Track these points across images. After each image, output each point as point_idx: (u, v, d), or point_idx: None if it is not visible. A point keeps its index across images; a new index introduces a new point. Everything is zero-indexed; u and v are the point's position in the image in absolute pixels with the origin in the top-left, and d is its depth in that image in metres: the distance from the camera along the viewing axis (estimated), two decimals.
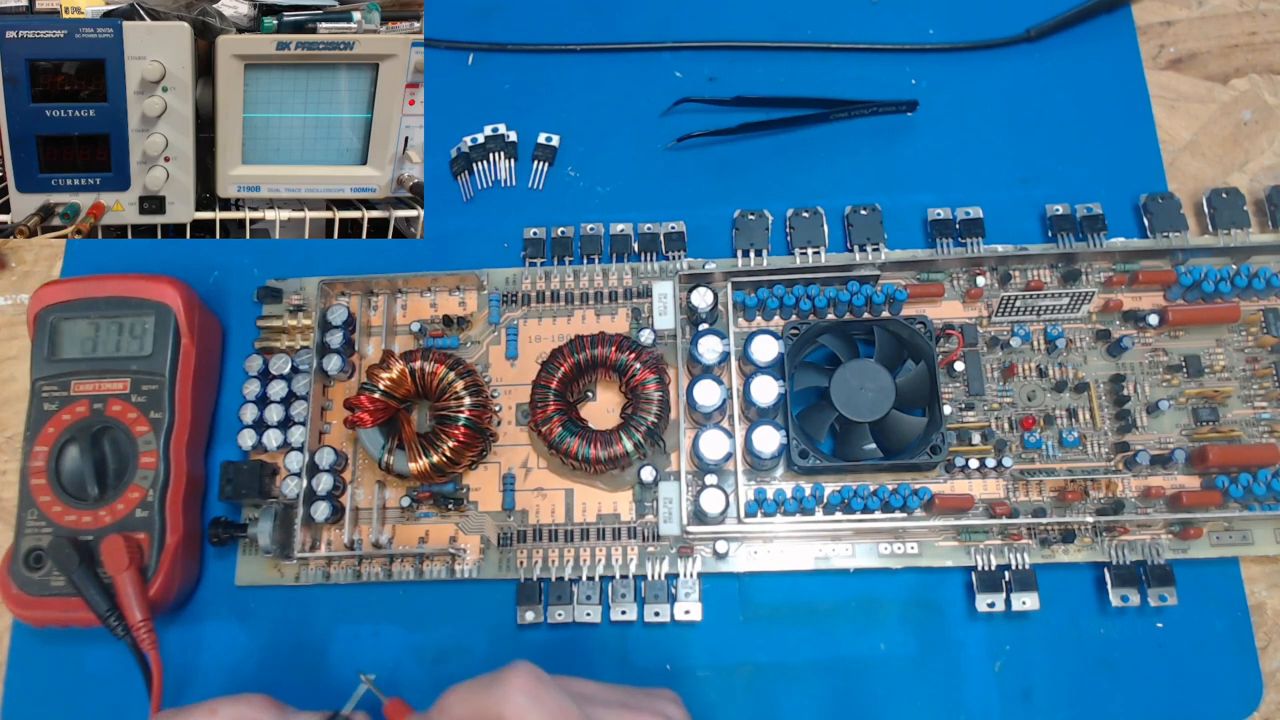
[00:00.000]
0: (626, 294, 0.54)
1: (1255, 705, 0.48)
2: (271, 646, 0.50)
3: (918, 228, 0.56)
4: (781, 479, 0.51)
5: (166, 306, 0.52)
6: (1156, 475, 0.50)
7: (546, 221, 0.56)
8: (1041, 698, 0.48)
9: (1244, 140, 0.58)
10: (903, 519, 0.49)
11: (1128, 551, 0.49)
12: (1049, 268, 0.53)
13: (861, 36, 0.60)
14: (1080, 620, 0.49)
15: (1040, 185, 0.56)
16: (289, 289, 0.55)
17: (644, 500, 0.51)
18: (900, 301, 0.52)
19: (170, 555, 0.49)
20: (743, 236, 0.54)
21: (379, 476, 0.52)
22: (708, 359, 0.50)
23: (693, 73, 0.60)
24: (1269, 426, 0.51)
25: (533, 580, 0.50)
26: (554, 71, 0.61)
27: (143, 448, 0.50)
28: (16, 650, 0.52)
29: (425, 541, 0.51)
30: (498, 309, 0.55)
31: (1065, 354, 0.52)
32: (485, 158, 0.58)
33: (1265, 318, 0.52)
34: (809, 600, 0.50)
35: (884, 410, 0.49)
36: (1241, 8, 0.61)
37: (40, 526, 0.49)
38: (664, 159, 0.58)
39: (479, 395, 0.50)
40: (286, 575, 0.51)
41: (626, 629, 0.50)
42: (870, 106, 0.57)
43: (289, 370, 0.53)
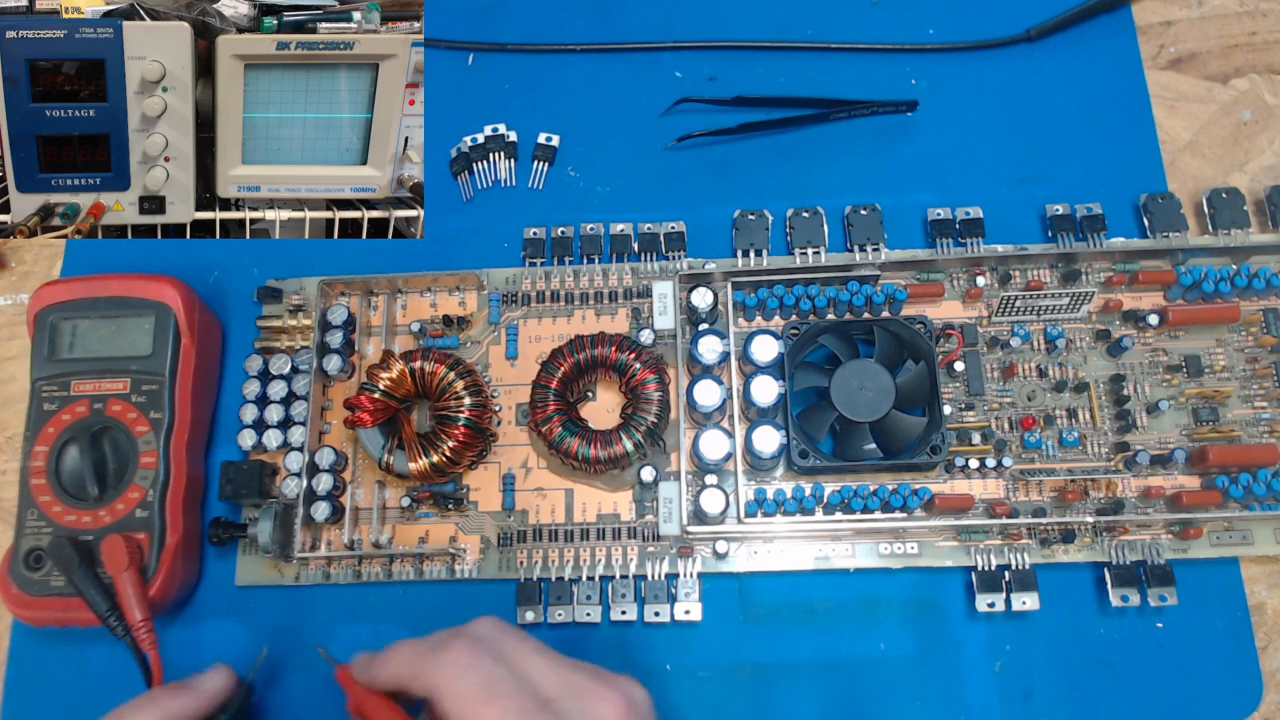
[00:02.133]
0: (626, 294, 0.54)
1: (1255, 705, 0.48)
2: (271, 647, 0.50)
3: (918, 228, 0.56)
4: (781, 479, 0.51)
5: (166, 306, 0.52)
6: (1156, 475, 0.50)
7: (546, 221, 0.56)
8: (1041, 698, 0.48)
9: (1244, 140, 0.58)
10: (903, 519, 0.49)
11: (1128, 551, 0.49)
12: (1049, 268, 0.53)
13: (861, 36, 0.60)
14: (1080, 620, 0.49)
15: (1040, 185, 0.56)
16: (289, 289, 0.55)
17: (644, 500, 0.51)
18: (900, 301, 0.52)
19: (170, 555, 0.49)
20: (743, 236, 0.54)
21: (379, 476, 0.52)
22: (708, 359, 0.50)
23: (693, 73, 0.60)
24: (1269, 426, 0.51)
25: (533, 580, 0.50)
26: (554, 71, 0.61)
27: (143, 448, 0.50)
28: (16, 650, 0.52)
29: (425, 541, 0.51)
30: (498, 309, 0.55)
31: (1065, 354, 0.52)
32: (485, 158, 0.58)
33: (1265, 318, 0.52)
34: (809, 600, 0.50)
35: (884, 410, 0.49)
36: (1241, 8, 0.61)
37: (40, 526, 0.49)
38: (664, 159, 0.58)
39: (479, 395, 0.50)
40: (286, 575, 0.51)
41: (626, 629, 0.50)
42: (870, 106, 0.57)
43: (289, 370, 0.53)
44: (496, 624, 0.39)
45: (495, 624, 0.39)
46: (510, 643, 0.38)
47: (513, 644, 0.38)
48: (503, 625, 0.39)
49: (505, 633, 0.39)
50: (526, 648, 0.38)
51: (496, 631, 0.39)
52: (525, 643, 0.38)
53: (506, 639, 0.38)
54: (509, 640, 0.38)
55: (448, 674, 0.36)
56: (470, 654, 0.36)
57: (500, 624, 0.39)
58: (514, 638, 0.38)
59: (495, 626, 0.39)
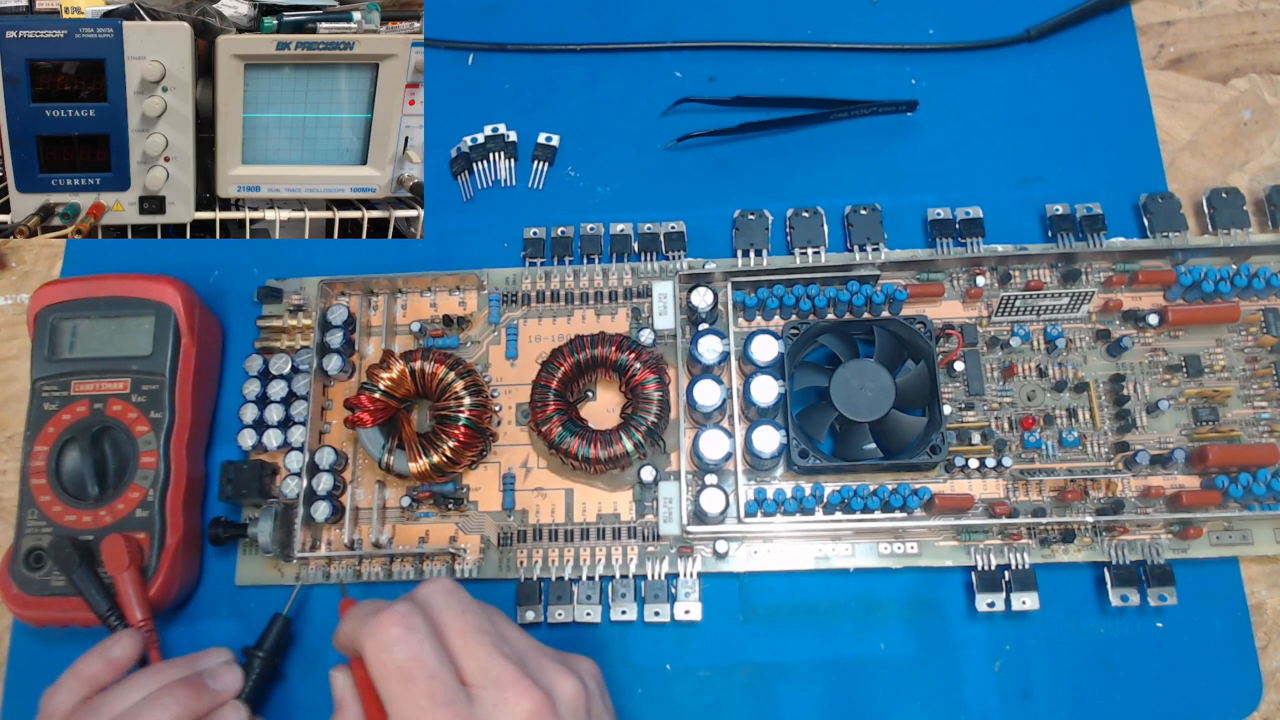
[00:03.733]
0: (626, 294, 0.54)
1: (1255, 705, 0.48)
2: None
3: (918, 228, 0.56)
4: (781, 479, 0.51)
5: (166, 306, 0.52)
6: (1156, 475, 0.50)
7: (546, 221, 0.56)
8: (1041, 698, 0.48)
9: (1244, 140, 0.58)
10: (903, 519, 0.49)
11: (1128, 551, 0.49)
12: (1049, 268, 0.53)
13: (861, 36, 0.60)
14: (1080, 620, 0.49)
15: (1040, 185, 0.56)
16: (289, 289, 0.55)
17: (644, 500, 0.51)
18: (900, 301, 0.52)
19: (170, 555, 0.49)
20: (743, 236, 0.54)
21: (379, 476, 0.52)
22: (708, 359, 0.50)
23: (693, 73, 0.60)
24: (1269, 426, 0.51)
25: (533, 580, 0.50)
26: (554, 71, 0.61)
27: (143, 447, 0.50)
28: (16, 650, 0.52)
29: (425, 541, 0.51)
30: (498, 309, 0.55)
31: (1065, 354, 0.52)
32: (485, 158, 0.58)
33: (1265, 318, 0.52)
34: (809, 600, 0.50)
35: (884, 410, 0.49)
36: (1241, 8, 0.61)
37: (40, 526, 0.49)
38: (664, 159, 0.58)
39: (479, 395, 0.50)
40: (286, 575, 0.51)
41: (626, 629, 0.50)
42: (870, 106, 0.57)
43: (289, 370, 0.53)
44: (448, 591, 0.38)
45: (446, 591, 0.38)
46: (451, 616, 0.37)
47: (453, 618, 0.37)
48: (453, 593, 0.38)
49: (450, 604, 0.37)
50: (465, 624, 0.37)
51: (443, 600, 0.37)
52: (466, 617, 0.37)
53: (449, 612, 0.37)
54: (450, 614, 0.37)
55: (375, 643, 0.36)
56: (401, 626, 0.36)
57: (451, 591, 0.38)
58: (457, 611, 0.37)
59: (445, 594, 0.38)
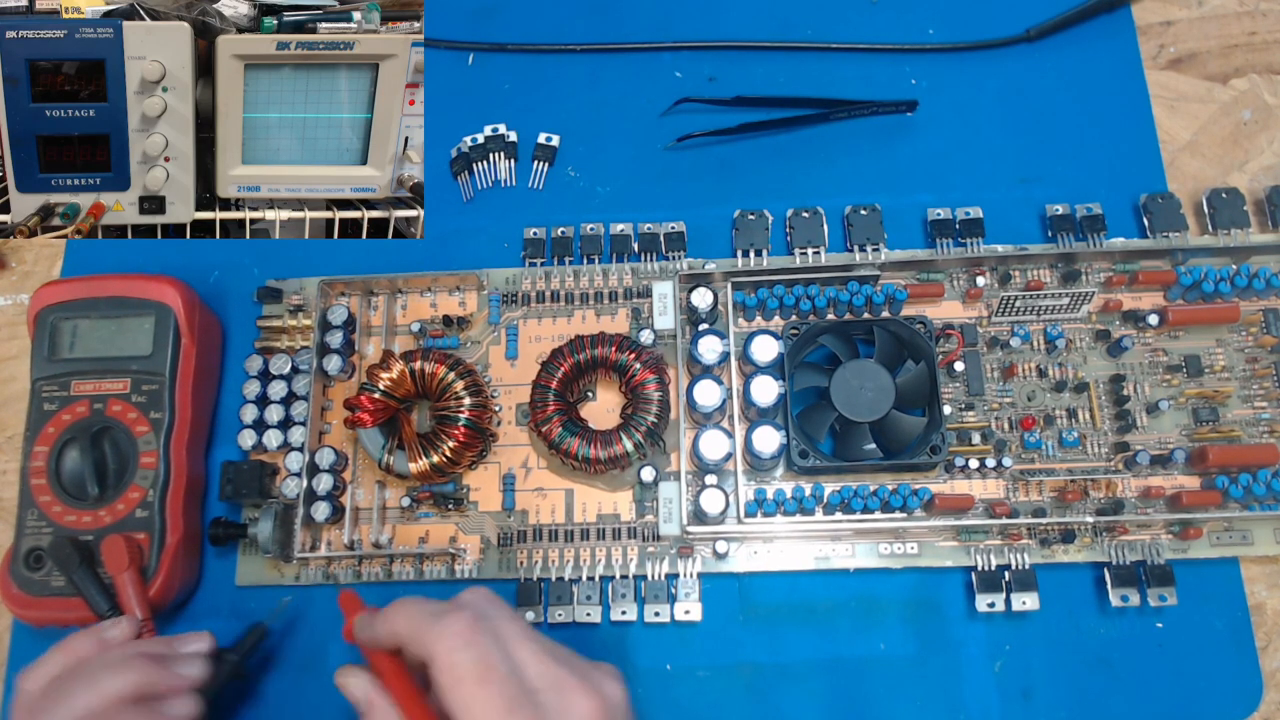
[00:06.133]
0: (626, 294, 0.54)
1: (1255, 705, 0.48)
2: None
3: (918, 228, 0.56)
4: (781, 479, 0.51)
5: (166, 306, 0.52)
6: (1156, 475, 0.50)
7: (546, 221, 0.56)
8: (1041, 698, 0.48)
9: (1244, 140, 0.58)
10: (903, 519, 0.49)
11: (1128, 551, 0.49)
12: (1049, 268, 0.53)
13: (861, 36, 0.60)
14: (1080, 620, 0.49)
15: (1040, 185, 0.56)
16: (289, 289, 0.55)
17: (644, 500, 0.51)
18: (900, 301, 0.52)
19: (170, 555, 0.49)
20: (743, 236, 0.54)
21: (379, 476, 0.52)
22: (708, 359, 0.50)
23: (693, 73, 0.60)
24: (1269, 426, 0.51)
25: (533, 580, 0.50)
26: (554, 71, 0.61)
27: (143, 448, 0.50)
28: (16, 650, 0.52)
29: (425, 541, 0.51)
30: (498, 309, 0.55)
31: (1065, 354, 0.52)
32: (485, 158, 0.58)
33: (1265, 318, 0.52)
34: (809, 600, 0.50)
35: (884, 410, 0.49)
36: (1241, 8, 0.61)
37: (40, 526, 0.49)
38: (664, 159, 0.58)
39: (479, 395, 0.50)
40: (286, 575, 0.51)
41: (626, 629, 0.50)
42: (870, 106, 0.57)
43: (289, 370, 0.53)
44: (490, 599, 0.40)
45: (489, 598, 0.40)
46: (504, 625, 0.38)
47: (506, 626, 0.38)
48: (495, 601, 0.40)
49: (499, 612, 0.39)
50: (517, 631, 0.39)
51: (491, 608, 0.39)
52: (515, 624, 0.39)
53: (501, 620, 0.39)
54: (503, 621, 0.39)
55: (447, 645, 0.37)
56: (471, 630, 0.37)
57: (493, 599, 0.40)
58: (506, 619, 0.39)
59: (489, 601, 0.40)
